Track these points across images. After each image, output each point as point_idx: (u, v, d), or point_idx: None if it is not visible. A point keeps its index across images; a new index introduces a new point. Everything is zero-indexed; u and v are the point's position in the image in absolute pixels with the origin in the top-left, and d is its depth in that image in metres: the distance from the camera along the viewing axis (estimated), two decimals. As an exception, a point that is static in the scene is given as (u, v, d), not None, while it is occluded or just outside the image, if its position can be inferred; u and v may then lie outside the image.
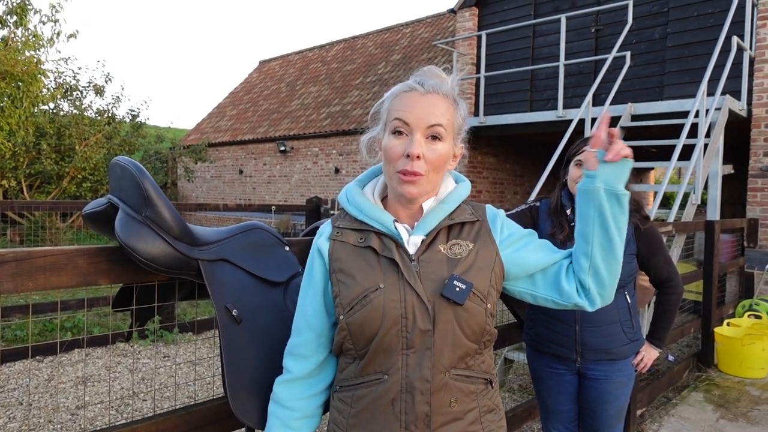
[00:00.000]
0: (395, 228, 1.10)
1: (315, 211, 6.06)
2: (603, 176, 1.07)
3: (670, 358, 4.78)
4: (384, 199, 1.18)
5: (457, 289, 1.04)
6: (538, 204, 2.17)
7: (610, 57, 6.18)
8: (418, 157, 1.04)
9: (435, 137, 1.06)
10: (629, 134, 6.09)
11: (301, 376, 1.16)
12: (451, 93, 1.11)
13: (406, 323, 1.04)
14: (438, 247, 1.10)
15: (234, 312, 1.30)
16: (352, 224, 1.14)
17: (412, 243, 1.10)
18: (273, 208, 6.31)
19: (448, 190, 1.16)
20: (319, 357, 1.16)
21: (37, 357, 4.42)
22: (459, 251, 1.10)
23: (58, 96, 10.90)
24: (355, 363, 1.09)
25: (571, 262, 1.14)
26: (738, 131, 6.37)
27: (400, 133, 1.07)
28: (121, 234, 1.19)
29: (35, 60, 9.02)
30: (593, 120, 5.97)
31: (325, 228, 1.18)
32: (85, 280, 1.23)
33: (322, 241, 1.16)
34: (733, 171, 10.48)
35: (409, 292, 1.05)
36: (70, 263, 1.20)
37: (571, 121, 5.95)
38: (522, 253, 1.14)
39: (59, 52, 13.88)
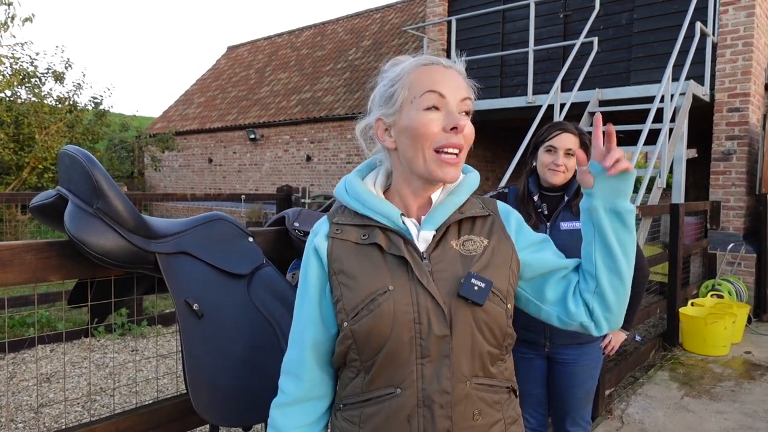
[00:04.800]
0: (403, 223, 1.01)
1: (286, 199, 5.97)
2: (601, 193, 0.99)
3: (637, 338, 4.90)
4: (386, 191, 1.08)
5: (476, 288, 0.95)
6: (506, 191, 2.16)
7: (578, 43, 6.22)
8: (462, 129, 0.95)
9: (466, 113, 0.99)
10: (597, 119, 6.15)
11: (297, 399, 1.04)
12: (464, 72, 1.03)
13: (420, 329, 0.93)
14: (450, 243, 1.01)
15: (195, 306, 1.25)
16: (353, 219, 1.03)
17: (422, 239, 1.00)
18: (242, 197, 6.20)
19: (457, 181, 1.06)
20: (315, 372, 1.04)
21: (-2, 354, 4.28)
22: (473, 248, 1.01)
23: (15, 83, 10.46)
24: (360, 377, 0.98)
25: (579, 280, 1.07)
26: (701, 116, 6.51)
27: (434, 108, 0.96)
28: (71, 227, 1.13)
29: (-12, 45, 8.62)
30: (562, 105, 6.02)
31: (321, 225, 1.06)
32: (34, 277, 1.17)
33: (319, 239, 1.03)
34: (696, 155, 10.74)
35: (422, 294, 0.94)
36: (16, 259, 1.14)
37: (540, 106, 5.98)
38: (538, 256, 1.06)
39: (14, 36, 13.29)
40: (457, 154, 0.97)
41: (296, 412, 1.04)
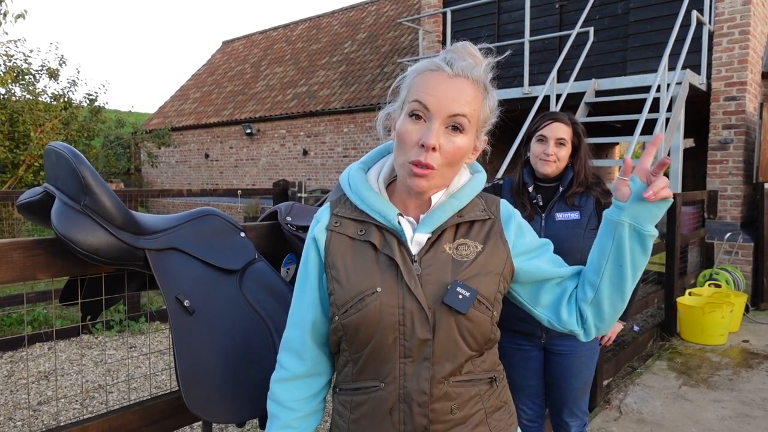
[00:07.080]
0: (399, 223, 1.00)
1: (282, 194, 5.94)
2: (633, 212, 0.98)
3: (635, 328, 4.90)
4: (390, 183, 1.07)
5: (460, 296, 0.95)
6: (501, 182, 2.15)
7: (574, 33, 6.19)
8: (433, 148, 0.92)
9: (456, 128, 0.94)
10: (594, 110, 6.14)
11: (298, 375, 1.08)
12: (482, 79, 0.98)
13: (404, 331, 0.96)
14: (443, 246, 1.00)
15: (186, 302, 1.24)
16: (352, 213, 1.04)
17: (416, 241, 1.00)
18: (239, 192, 6.17)
19: (461, 183, 1.05)
20: (316, 352, 1.08)
21: (-5, 353, 4.27)
22: (466, 253, 1.01)
23: (9, 80, 10.40)
24: (349, 366, 1.03)
25: (576, 286, 1.07)
26: (698, 105, 6.49)
27: (417, 117, 0.94)
28: (58, 225, 1.12)
29: (-19, 42, 8.55)
30: (558, 96, 6.00)
31: (323, 214, 1.07)
32: (22, 275, 1.15)
33: (319, 229, 1.05)
34: (693, 144, 10.73)
35: (408, 298, 0.96)
36: (3, 258, 1.12)
37: (536, 97, 5.96)
38: (535, 262, 1.06)
39: (7, 33, 13.20)
40: (428, 167, 0.93)
41: (297, 387, 1.08)
